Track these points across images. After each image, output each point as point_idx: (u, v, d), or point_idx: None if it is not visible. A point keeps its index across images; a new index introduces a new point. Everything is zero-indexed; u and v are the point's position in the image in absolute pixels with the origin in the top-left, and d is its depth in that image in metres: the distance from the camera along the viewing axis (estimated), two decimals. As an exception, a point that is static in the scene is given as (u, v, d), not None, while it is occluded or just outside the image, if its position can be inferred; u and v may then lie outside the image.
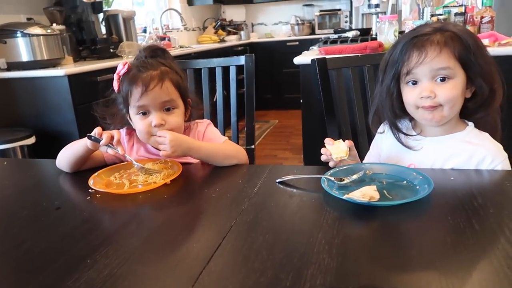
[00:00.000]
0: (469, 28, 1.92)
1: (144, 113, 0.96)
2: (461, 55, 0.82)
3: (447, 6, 1.98)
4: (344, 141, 0.86)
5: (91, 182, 0.86)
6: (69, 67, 2.31)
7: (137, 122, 0.98)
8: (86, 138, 0.92)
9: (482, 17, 1.90)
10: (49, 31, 2.36)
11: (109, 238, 0.64)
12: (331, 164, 0.87)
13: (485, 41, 1.67)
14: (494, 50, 1.63)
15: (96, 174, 0.91)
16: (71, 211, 0.77)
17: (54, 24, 2.60)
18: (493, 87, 0.84)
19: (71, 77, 2.17)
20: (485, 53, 0.84)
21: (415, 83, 0.86)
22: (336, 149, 0.85)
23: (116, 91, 1.00)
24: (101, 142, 0.90)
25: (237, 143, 1.33)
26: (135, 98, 0.94)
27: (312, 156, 2.03)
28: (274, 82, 4.98)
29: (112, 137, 0.90)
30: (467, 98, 0.87)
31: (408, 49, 0.85)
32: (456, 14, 1.92)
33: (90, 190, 0.84)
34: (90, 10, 2.80)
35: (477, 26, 1.94)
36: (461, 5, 1.92)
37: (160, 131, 0.92)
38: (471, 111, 0.89)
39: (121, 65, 0.98)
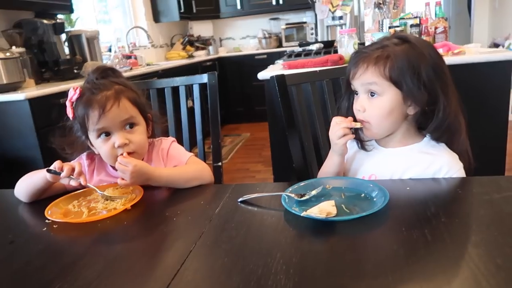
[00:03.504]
0: (425, 38, 2.01)
1: (106, 134, 0.94)
2: (391, 75, 0.85)
3: (403, 18, 2.06)
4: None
5: (48, 212, 0.84)
6: (30, 90, 2.25)
7: (100, 146, 0.95)
8: (45, 170, 0.89)
9: (436, 28, 1.99)
10: (8, 54, 2.29)
11: (63, 272, 0.62)
12: (343, 140, 0.91)
13: (439, 51, 1.74)
14: (448, 59, 1.70)
15: (53, 203, 0.88)
16: (26, 244, 0.74)
17: (14, 47, 2.54)
18: (434, 105, 0.86)
19: (32, 101, 2.11)
20: (424, 73, 0.84)
21: (357, 93, 0.93)
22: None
23: (71, 118, 0.97)
24: (61, 175, 0.87)
25: (204, 161, 1.33)
26: (93, 122, 0.92)
27: (281, 168, 2.04)
28: (245, 95, 5.01)
29: (73, 169, 0.88)
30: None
31: (350, 63, 0.92)
32: (412, 26, 2.00)
33: (47, 221, 0.81)
34: (51, 31, 2.75)
35: (432, 37, 2.02)
36: (416, 17, 2.00)
37: (123, 159, 0.89)
38: (424, 125, 0.92)
39: (72, 91, 0.95)
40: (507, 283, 0.49)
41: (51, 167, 0.89)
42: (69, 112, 0.96)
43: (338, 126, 0.91)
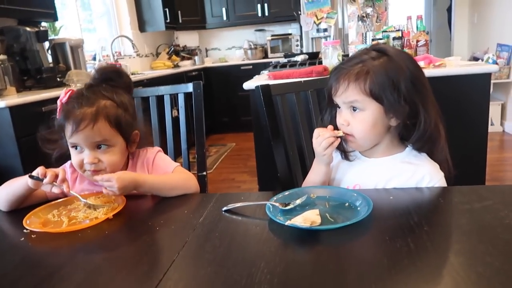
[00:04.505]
0: (407, 51, 2.05)
1: (79, 148, 0.93)
2: (372, 90, 0.86)
3: (386, 31, 2.10)
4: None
5: (27, 221, 0.81)
6: (11, 98, 2.21)
7: (72, 155, 0.95)
8: (27, 177, 0.87)
9: (418, 41, 2.04)
10: (-12, 61, 2.25)
11: (41, 284, 0.60)
12: (328, 151, 0.91)
13: (421, 63, 1.78)
14: (429, 72, 1.75)
15: (32, 212, 0.86)
16: (2, 255, 0.72)
17: (-5, 54, 2.49)
18: (415, 117, 0.87)
19: (13, 109, 2.07)
20: (403, 86, 0.85)
21: (339, 107, 0.93)
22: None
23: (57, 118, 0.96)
24: (44, 181, 0.85)
25: (189, 170, 1.32)
26: (67, 135, 0.92)
27: (266, 177, 2.04)
28: (231, 105, 5.02)
29: (56, 176, 0.86)
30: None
31: (330, 79, 0.93)
32: (394, 39, 2.04)
33: (25, 231, 0.79)
34: (34, 39, 2.71)
35: (414, 49, 2.07)
36: (398, 30, 2.05)
37: (103, 177, 0.87)
38: (406, 136, 0.93)
39: (63, 93, 0.95)
40: (488, 291, 0.50)
41: (34, 173, 0.87)
42: (58, 113, 0.95)
43: (322, 137, 0.91)
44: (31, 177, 0.86)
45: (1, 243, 0.80)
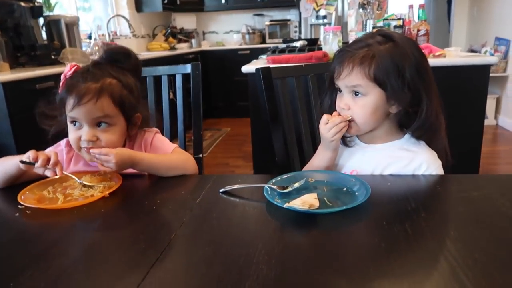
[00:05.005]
0: (407, 40, 2.04)
1: (77, 124, 0.91)
2: (376, 75, 0.85)
3: (387, 19, 2.08)
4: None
5: (21, 197, 0.81)
6: (4, 74, 2.17)
7: (70, 131, 0.93)
8: (18, 160, 0.85)
9: (418, 30, 2.02)
10: (-19, 36, 2.20)
11: (36, 259, 0.59)
12: (337, 136, 0.90)
13: (421, 52, 1.77)
14: (429, 61, 1.74)
15: (27, 188, 0.85)
16: (-4, 230, 0.71)
17: (-12, 29, 2.44)
18: (418, 105, 0.86)
19: (6, 85, 2.03)
20: (408, 73, 0.84)
21: (340, 91, 0.92)
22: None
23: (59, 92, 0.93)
24: (36, 165, 0.83)
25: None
26: (67, 109, 0.89)
27: (261, 163, 2.04)
28: (226, 90, 4.99)
29: (48, 159, 0.84)
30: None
31: (334, 62, 0.91)
32: (395, 27, 2.02)
33: (19, 206, 0.78)
34: (29, 15, 2.65)
35: (414, 38, 2.06)
36: (400, 19, 2.03)
37: (101, 151, 0.86)
38: (405, 123, 0.92)
39: (69, 67, 0.93)
40: (484, 276, 0.50)
41: (25, 158, 0.84)
42: (61, 87, 0.93)
43: (332, 123, 0.89)
44: (22, 162, 0.84)
45: (-5, 218, 0.79)
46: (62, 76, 0.94)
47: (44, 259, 0.60)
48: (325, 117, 0.92)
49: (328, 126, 0.90)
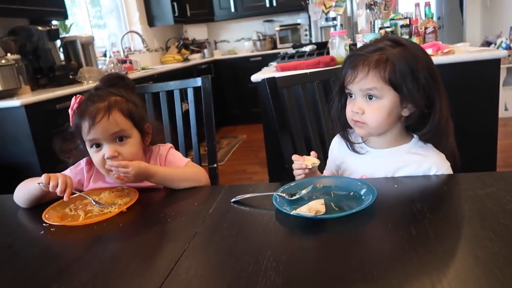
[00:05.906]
0: (415, 39, 2.04)
1: (97, 145, 0.96)
2: (391, 78, 0.86)
3: (394, 19, 2.08)
4: (309, 154, 0.93)
5: (45, 216, 0.86)
6: (26, 97, 2.27)
7: (92, 155, 0.98)
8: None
9: (426, 28, 2.02)
10: (3, 61, 2.31)
11: (60, 274, 0.64)
12: (301, 176, 0.91)
13: (429, 51, 1.77)
14: (437, 59, 1.74)
15: (50, 207, 0.90)
16: (24, 248, 0.76)
17: (9, 54, 2.55)
18: (431, 107, 0.87)
19: (28, 107, 2.13)
20: (422, 76, 0.85)
21: (352, 96, 0.93)
22: (308, 161, 0.90)
23: (71, 125, 0.99)
24: (49, 188, 0.89)
25: (200, 164, 1.35)
26: (84, 133, 0.95)
27: (276, 169, 2.06)
28: (240, 97, 5.03)
29: (57, 186, 0.89)
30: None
31: (345, 66, 0.92)
32: (402, 26, 2.02)
33: (44, 224, 0.83)
34: (46, 38, 2.77)
35: (422, 37, 2.05)
36: (406, 18, 2.03)
37: (120, 163, 0.91)
38: (415, 127, 0.93)
39: (74, 100, 0.98)
40: (485, 274, 0.52)
41: (39, 181, 0.90)
42: (71, 120, 0.98)
43: (298, 165, 0.92)
44: (39, 183, 0.90)
45: (22, 236, 0.85)
46: (69, 111, 0.99)
47: (67, 273, 0.64)
48: (295, 157, 0.93)
49: (294, 166, 0.92)
